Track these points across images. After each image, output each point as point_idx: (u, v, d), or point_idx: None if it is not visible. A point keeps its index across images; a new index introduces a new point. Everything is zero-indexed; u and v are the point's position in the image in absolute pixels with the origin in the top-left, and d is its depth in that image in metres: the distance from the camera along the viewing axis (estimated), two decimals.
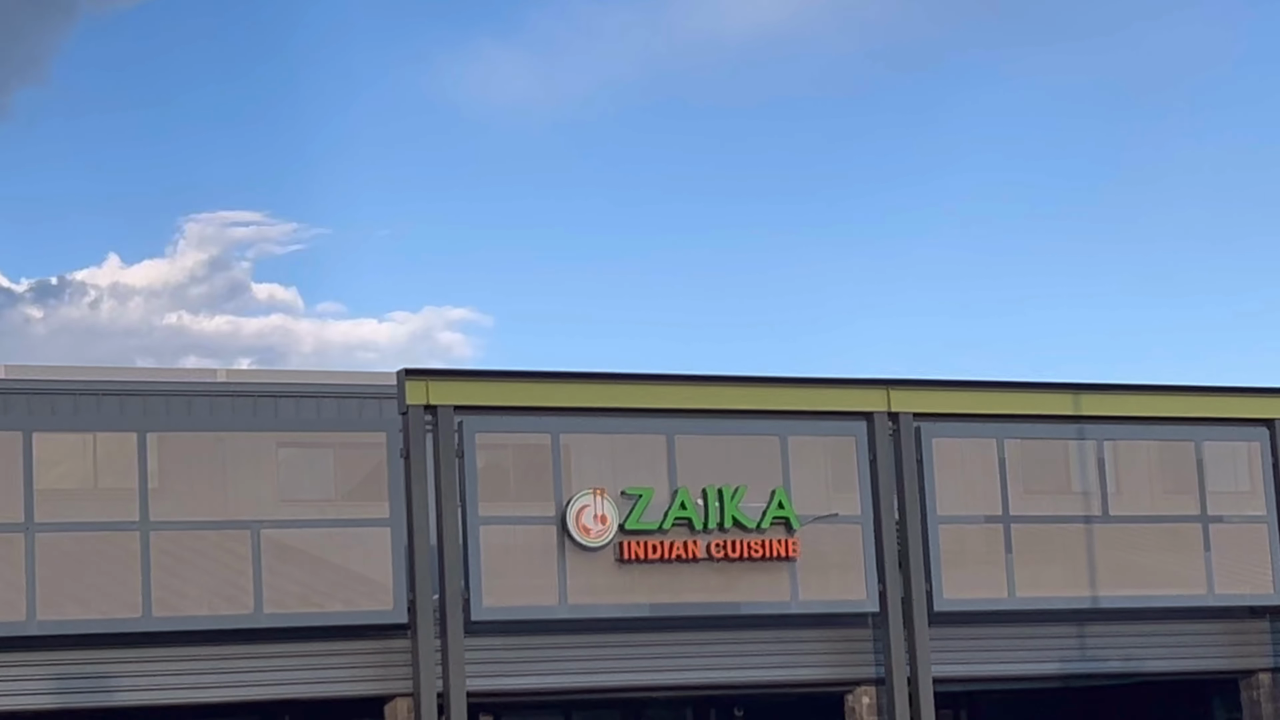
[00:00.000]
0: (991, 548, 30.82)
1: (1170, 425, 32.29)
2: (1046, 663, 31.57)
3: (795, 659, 29.98)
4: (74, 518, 26.31)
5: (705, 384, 29.91)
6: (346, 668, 27.70)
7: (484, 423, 28.24)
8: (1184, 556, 32.08)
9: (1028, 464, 31.36)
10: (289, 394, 28.26)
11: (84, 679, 26.41)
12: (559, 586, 28.27)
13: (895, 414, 30.49)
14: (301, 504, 27.58)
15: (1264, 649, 32.78)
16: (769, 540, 29.26)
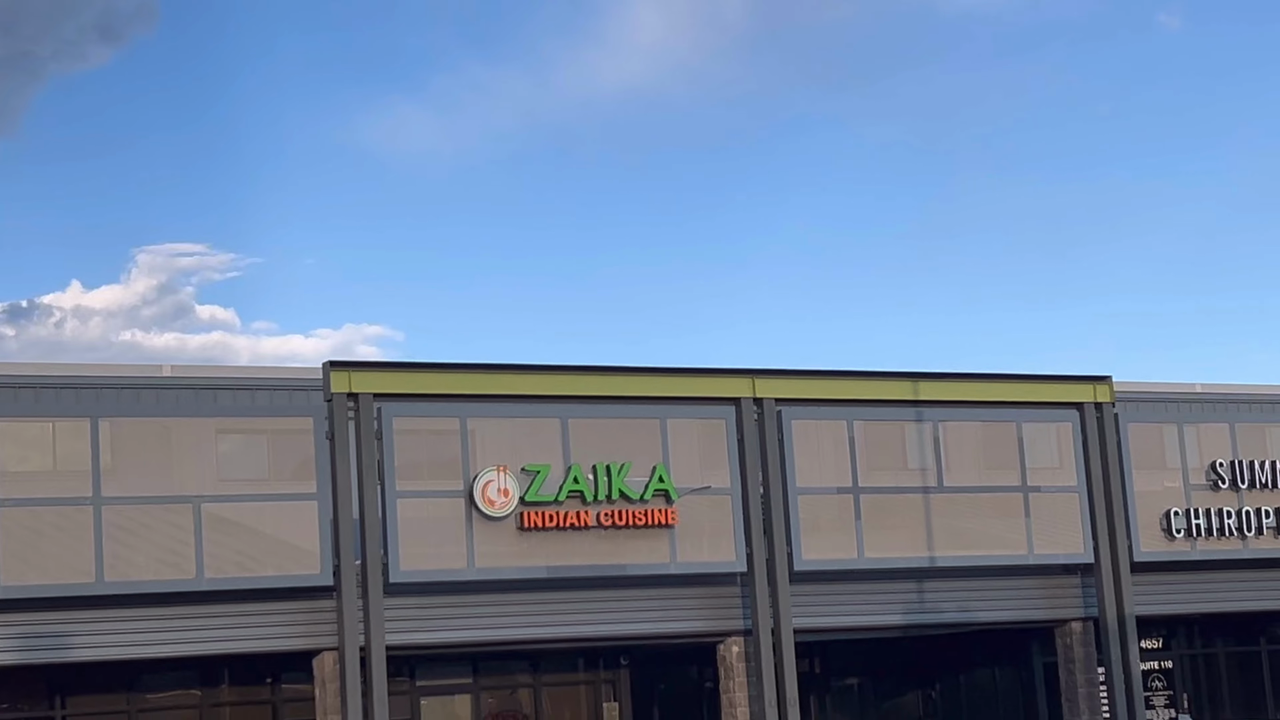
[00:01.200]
0: (843, 515, 30.91)
1: (994, 408, 32.53)
2: (890, 614, 31.69)
3: (674, 614, 29.96)
4: (34, 494, 25.87)
5: (594, 373, 29.83)
6: (278, 625, 27.36)
7: (400, 408, 27.98)
8: (1007, 522, 32.33)
9: (873, 442, 31.47)
10: (227, 386, 27.98)
11: (43, 637, 25.89)
12: (467, 552, 28.06)
13: (759, 399, 30.51)
14: (238, 482, 27.22)
15: (1075, 601, 33.11)
16: (651, 510, 29.20)
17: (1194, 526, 33.57)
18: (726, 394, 30.44)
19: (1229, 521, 33.87)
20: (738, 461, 30.19)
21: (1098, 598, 32.90)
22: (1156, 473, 33.82)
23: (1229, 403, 35.41)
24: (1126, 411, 33.57)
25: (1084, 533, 32.78)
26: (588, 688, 32.30)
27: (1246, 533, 34.02)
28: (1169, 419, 34.31)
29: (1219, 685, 37.05)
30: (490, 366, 29.11)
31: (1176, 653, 36.60)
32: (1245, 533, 34.01)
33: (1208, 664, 37.34)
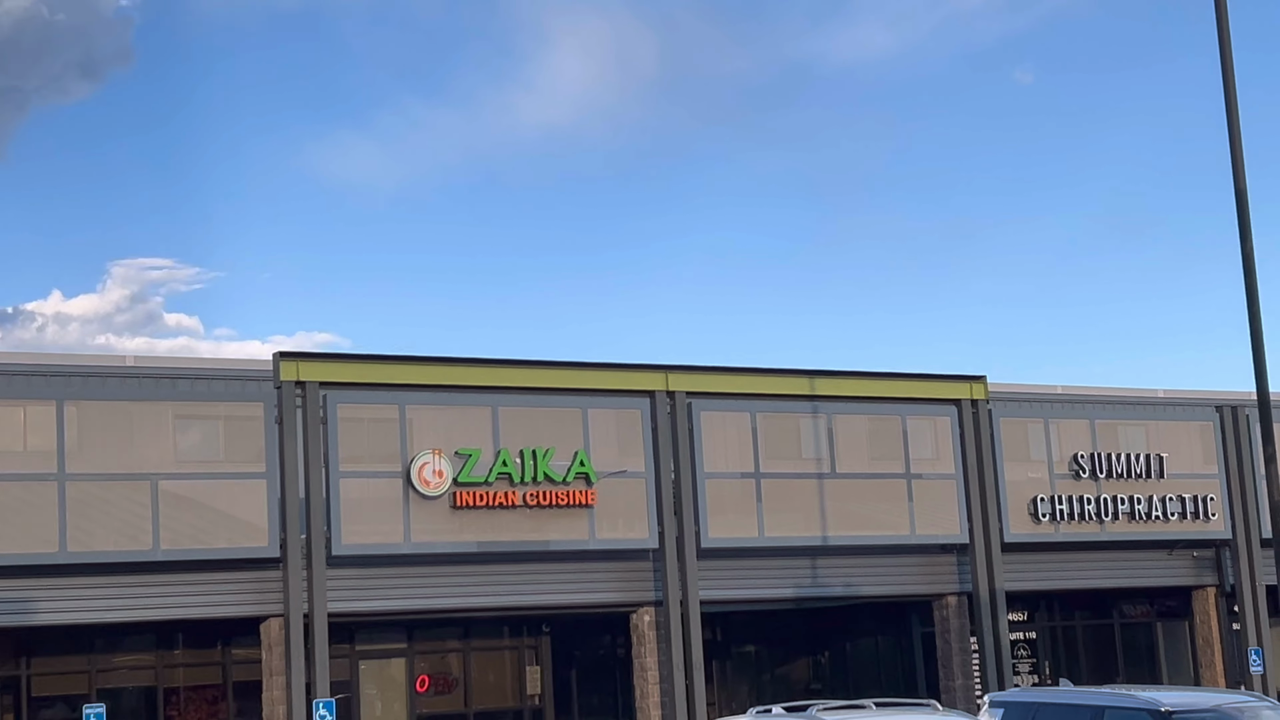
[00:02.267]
0: (745, 498, 30.55)
1: (881, 403, 32.30)
2: (786, 588, 31.36)
3: (592, 585, 29.51)
4: (2, 471, 25.04)
5: (523, 367, 29.25)
6: (228, 594, 26.70)
7: (343, 396, 27.41)
8: (891, 506, 32.11)
9: (773, 432, 31.14)
10: (185, 375, 27.23)
11: (9, 602, 25.11)
12: (404, 528, 27.52)
13: (672, 393, 30.10)
14: (194, 462, 26.52)
15: (951, 577, 32.91)
16: (572, 491, 28.77)
17: (1057, 512, 33.50)
18: (642, 387, 30.01)
19: (1088, 508, 33.84)
20: (651, 448, 29.76)
21: (971, 574, 32.70)
22: (1024, 463, 33.74)
23: (1088, 402, 35.35)
24: (998, 408, 33.46)
25: (960, 516, 32.58)
26: (512, 653, 31.79)
27: (1103, 518, 34.00)
28: (1036, 415, 34.20)
29: (1076, 655, 37.00)
30: (427, 359, 28.57)
31: (1040, 625, 36.53)
32: (1102, 518, 34.00)
33: (1066, 635, 37.28)
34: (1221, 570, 35.90)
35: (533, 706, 31.68)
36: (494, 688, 31.61)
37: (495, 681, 31.67)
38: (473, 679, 31.18)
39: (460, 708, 30.93)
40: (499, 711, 31.53)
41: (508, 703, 31.63)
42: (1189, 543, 35.41)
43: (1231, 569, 35.77)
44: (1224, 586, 35.98)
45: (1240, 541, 35.60)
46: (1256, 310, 17.85)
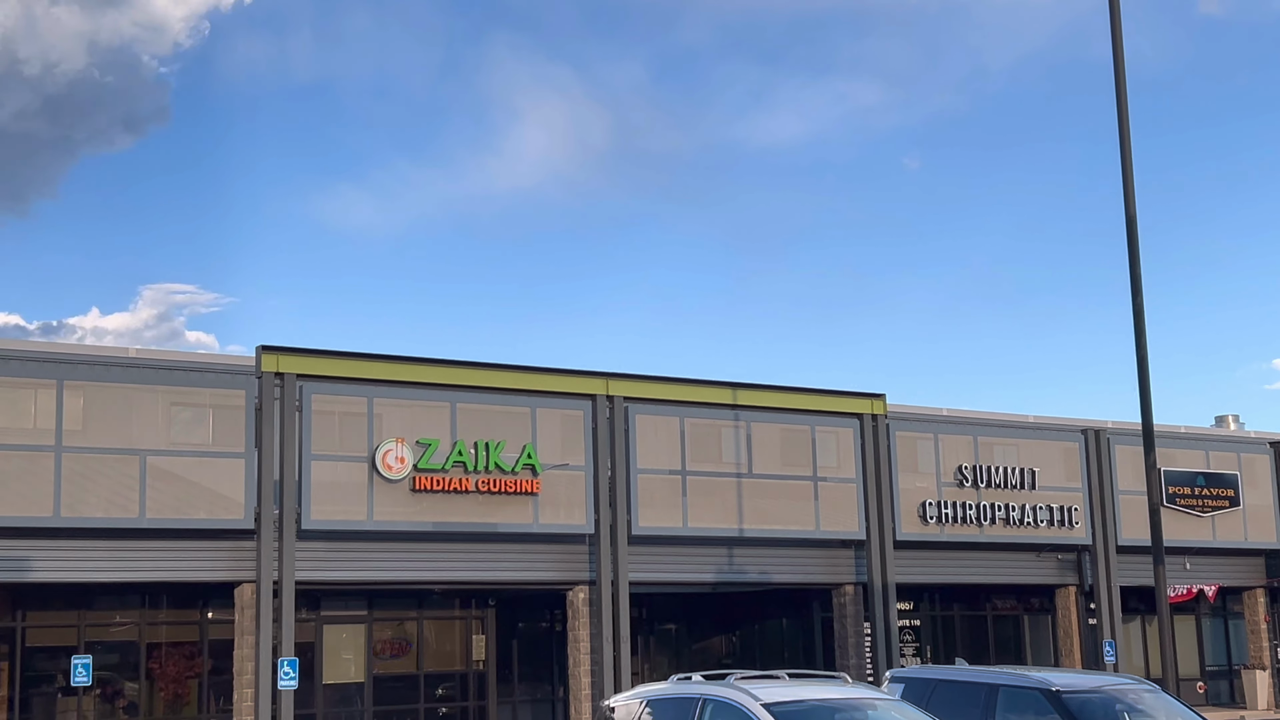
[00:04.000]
0: (672, 492, 29.35)
1: (794, 414, 31.21)
2: (706, 573, 30.06)
3: (534, 565, 28.16)
4: (5, 442, 23.43)
5: (480, 368, 27.95)
6: (207, 560, 25.23)
7: (317, 387, 26.11)
8: (799, 504, 30.92)
9: (698, 436, 29.94)
10: (178, 366, 25.73)
11: (7, 560, 23.52)
12: (367, 507, 26.13)
13: (611, 397, 28.94)
14: (180, 442, 24.92)
15: (849, 569, 31.74)
16: (520, 480, 27.47)
17: (943, 515, 32.46)
18: (585, 391, 28.80)
19: (969, 513, 32.84)
20: (591, 445, 28.53)
21: (867, 567, 31.60)
22: (915, 472, 32.73)
23: (971, 422, 34.30)
24: (895, 424, 32.49)
25: (859, 516, 31.50)
26: (461, 623, 30.33)
27: (982, 522, 33.02)
28: (926, 431, 33.13)
29: (954, 641, 35.92)
30: (394, 358, 27.22)
31: (923, 614, 35.40)
32: (981, 522, 33.01)
33: (945, 624, 36.20)
34: (1081, 572, 34.96)
35: (477, 671, 30.26)
36: (444, 653, 30.14)
37: (445, 647, 30.19)
38: (425, 644, 29.70)
39: (413, 669, 29.44)
40: (448, 674, 30.06)
41: (456, 666, 30.17)
42: (1054, 547, 34.47)
43: (1090, 571, 34.85)
44: (1083, 586, 35.06)
45: (1099, 547, 34.74)
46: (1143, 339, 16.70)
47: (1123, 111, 17.31)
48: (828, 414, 31.69)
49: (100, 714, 26.35)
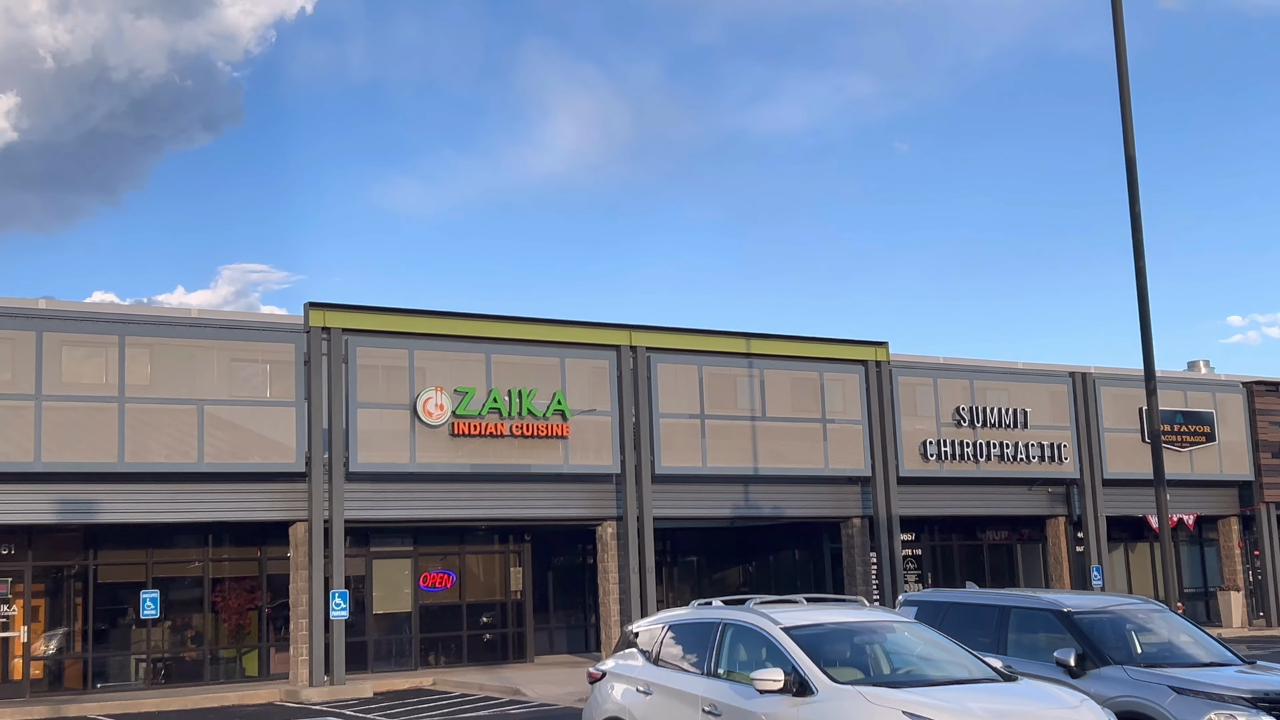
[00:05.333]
0: (692, 435, 28.29)
1: (804, 362, 30.09)
2: (723, 509, 29.01)
3: (565, 502, 27.14)
4: (73, 393, 22.52)
5: (512, 322, 26.90)
6: (263, 501, 24.30)
7: (362, 341, 25.09)
8: (810, 444, 29.82)
9: (715, 382, 28.85)
10: (235, 324, 24.72)
11: (76, 503, 22.61)
12: (410, 451, 25.16)
13: (634, 347, 27.88)
14: (239, 394, 23.96)
15: (856, 503, 30.64)
16: (551, 425, 26.42)
17: (942, 453, 31.31)
18: (610, 342, 27.69)
19: (966, 450, 31.68)
20: (616, 392, 27.43)
21: (873, 501, 30.50)
22: (916, 414, 31.53)
23: (966, 369, 33.05)
24: (897, 370, 31.30)
25: (865, 454, 30.37)
26: (500, 556, 29.37)
27: (978, 459, 31.85)
28: (926, 376, 31.94)
29: (953, 568, 34.81)
30: (433, 312, 26.15)
31: (924, 544, 34.28)
32: (977, 459, 31.84)
33: (944, 553, 35.07)
34: (1070, 503, 33.80)
35: (516, 600, 29.31)
36: (484, 584, 29.18)
37: (485, 579, 29.24)
38: (467, 577, 28.75)
39: (456, 600, 28.51)
40: (489, 604, 29.13)
41: (496, 596, 29.22)
42: (1045, 481, 33.30)
43: (1078, 502, 33.69)
44: (1071, 516, 33.90)
45: (1086, 481, 33.56)
46: (1143, 275, 15.46)
47: (1120, 47, 16.07)
48: (835, 361, 30.54)
49: (171, 644, 25.52)
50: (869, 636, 10.40)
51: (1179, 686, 10.69)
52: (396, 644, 27.61)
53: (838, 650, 10.08)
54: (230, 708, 22.67)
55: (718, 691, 10.27)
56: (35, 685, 23.99)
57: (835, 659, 9.91)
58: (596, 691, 11.98)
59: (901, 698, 9.01)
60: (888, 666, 10.16)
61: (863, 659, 10.15)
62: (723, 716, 10.11)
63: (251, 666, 26.07)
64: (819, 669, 9.60)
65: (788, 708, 9.49)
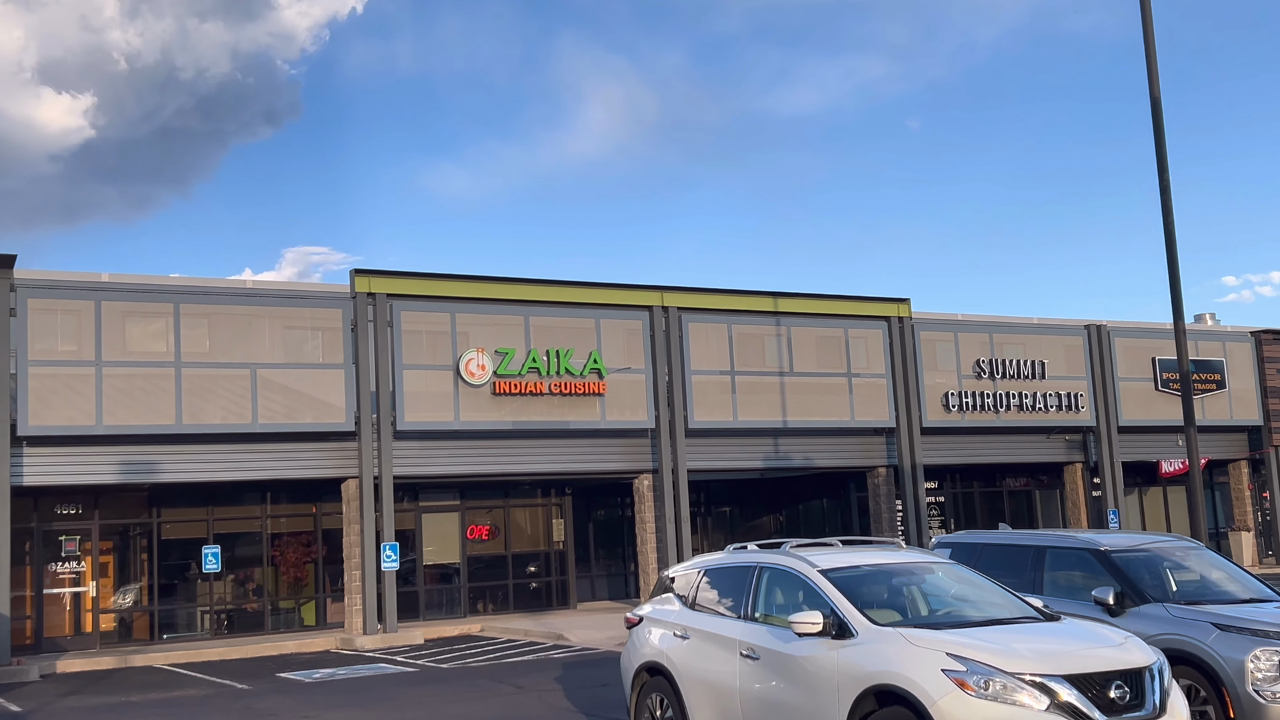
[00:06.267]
0: (723, 391, 27.42)
1: (829, 319, 29.15)
2: (754, 460, 28.16)
3: (603, 457, 26.37)
4: (131, 359, 21.94)
5: (549, 285, 26.07)
6: (316, 459, 23.69)
7: (406, 305, 24.36)
8: (836, 397, 28.93)
9: (745, 340, 27.97)
10: (286, 293, 24.01)
11: (136, 462, 22.05)
12: (454, 409, 24.44)
13: (666, 308, 27.01)
14: (287, 357, 23.34)
15: (882, 453, 29.74)
16: (588, 383, 25.65)
17: (963, 403, 30.34)
18: (643, 303, 26.85)
19: (986, 401, 30.68)
20: (650, 351, 26.62)
21: (897, 451, 29.60)
22: (938, 368, 30.54)
23: (986, 324, 32.02)
24: (918, 325, 30.31)
25: (889, 406, 29.44)
26: (542, 509, 28.69)
27: (998, 409, 30.85)
28: (946, 331, 30.93)
29: (974, 514, 33.88)
30: (474, 277, 25.36)
31: (946, 491, 33.36)
32: (997, 409, 30.84)
33: (966, 500, 34.13)
34: (1087, 450, 32.73)
35: (558, 550, 28.64)
36: (528, 536, 28.54)
37: (529, 531, 28.59)
38: (511, 528, 28.11)
39: (502, 550, 27.89)
40: (532, 554, 28.49)
41: (539, 547, 28.57)
42: (1062, 429, 32.26)
43: (1094, 449, 32.63)
44: (1088, 462, 32.85)
45: (1102, 428, 32.49)
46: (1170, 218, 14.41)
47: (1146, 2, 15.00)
48: (859, 318, 29.59)
49: (234, 596, 25.04)
50: (907, 578, 9.57)
51: (1221, 623, 9.81)
52: (446, 593, 27.03)
53: (875, 592, 9.26)
54: (289, 655, 22.14)
55: (755, 635, 9.49)
56: (105, 637, 23.57)
57: (873, 601, 9.10)
58: (634, 636, 11.24)
59: (945, 639, 8.19)
60: (927, 608, 9.33)
61: (901, 601, 9.33)
62: (761, 660, 9.33)
63: (309, 616, 25.57)
64: (858, 611, 8.79)
65: (827, 650, 8.70)
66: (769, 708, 9.19)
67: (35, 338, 21.24)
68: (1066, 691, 7.81)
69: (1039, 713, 7.71)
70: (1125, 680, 8.03)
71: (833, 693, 8.54)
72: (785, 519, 34.33)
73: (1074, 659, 8.02)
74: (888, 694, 8.18)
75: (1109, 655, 8.13)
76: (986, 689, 7.77)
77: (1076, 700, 7.80)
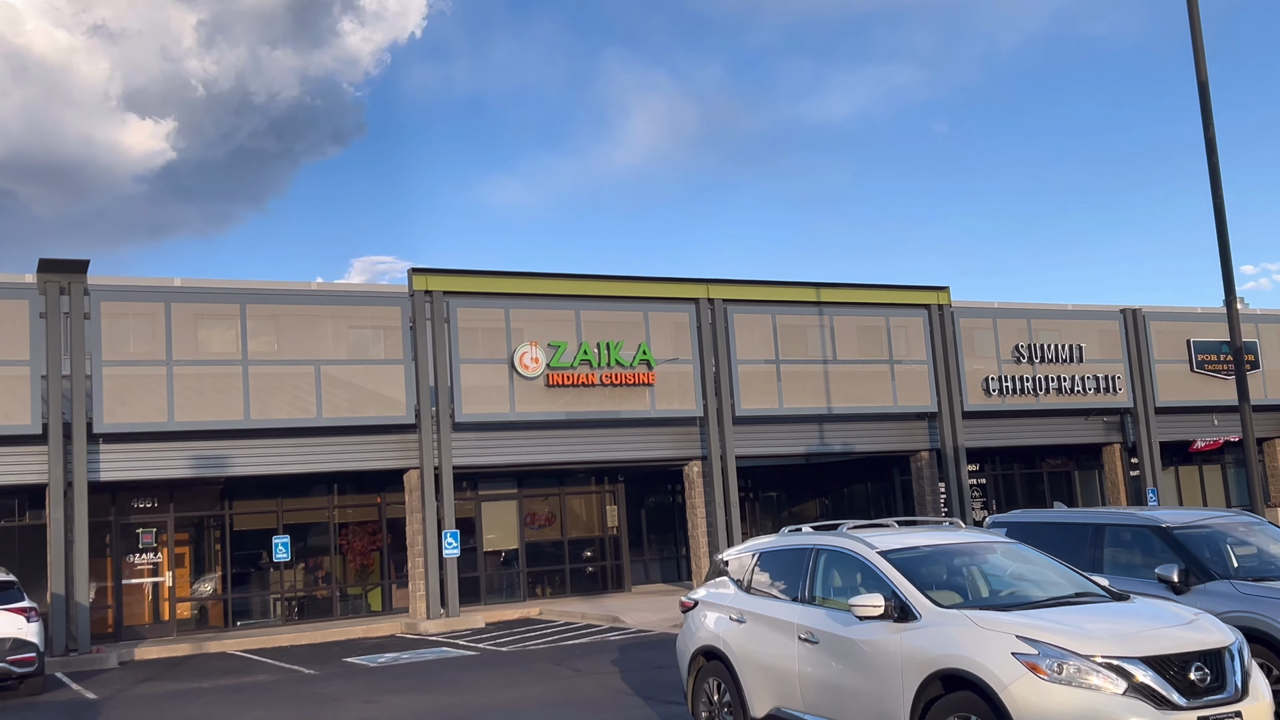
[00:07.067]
0: (768, 379, 26.69)
1: (870, 308, 28.30)
2: (799, 446, 27.39)
3: (653, 444, 25.72)
4: (200, 357, 21.59)
5: (598, 280, 25.45)
6: (378, 451, 23.21)
7: (462, 302, 23.82)
8: (879, 384, 28.08)
9: (788, 330, 27.20)
10: (349, 294, 23.59)
11: (209, 457, 21.69)
12: (510, 401, 23.89)
13: (712, 300, 26.30)
14: (355, 355, 22.92)
15: (924, 437, 28.85)
16: (637, 374, 25.02)
17: (1003, 388, 29.38)
18: (689, 295, 26.16)
19: (1026, 385, 29.71)
20: (697, 342, 25.91)
21: (939, 435, 28.70)
22: (978, 354, 29.61)
23: (1024, 311, 31.02)
24: (958, 312, 29.36)
25: (930, 391, 28.54)
26: (596, 496, 28.10)
27: (1037, 393, 29.85)
28: (985, 317, 29.97)
29: (1015, 495, 32.89)
30: (526, 274, 24.79)
31: (988, 474, 32.39)
32: (1036, 393, 29.84)
33: (1007, 482, 33.14)
34: (1125, 431, 31.64)
35: (612, 535, 28.04)
36: (583, 522, 27.96)
37: (584, 518, 28.01)
38: (567, 515, 27.54)
39: (558, 536, 27.33)
40: (588, 539, 27.91)
41: (594, 532, 27.99)
42: (1100, 410, 31.18)
43: (1132, 430, 31.53)
44: (1126, 443, 31.76)
45: (1139, 410, 31.38)
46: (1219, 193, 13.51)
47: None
48: (899, 306, 28.71)
49: (306, 583, 24.69)
50: (967, 558, 8.83)
51: None
52: (505, 578, 26.53)
53: (936, 573, 8.53)
54: (356, 640, 21.71)
55: (813, 618, 8.81)
56: (182, 625, 23.28)
57: (934, 582, 8.38)
58: (690, 620, 10.58)
59: (1013, 620, 7.46)
60: (989, 589, 8.57)
61: (962, 582, 8.59)
62: (820, 643, 8.65)
63: (376, 602, 25.16)
64: (920, 592, 8.08)
65: (889, 634, 8.00)
66: (830, 691, 8.51)
67: (109, 340, 20.96)
68: (1144, 674, 7.05)
69: (1116, 696, 6.97)
70: (1205, 661, 7.25)
71: (896, 676, 7.84)
72: (830, 503, 33.51)
73: (1150, 640, 7.26)
74: (955, 678, 7.46)
75: (1186, 635, 7.37)
76: (1060, 672, 7.04)
77: (1155, 683, 7.04)
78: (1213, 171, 13.23)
